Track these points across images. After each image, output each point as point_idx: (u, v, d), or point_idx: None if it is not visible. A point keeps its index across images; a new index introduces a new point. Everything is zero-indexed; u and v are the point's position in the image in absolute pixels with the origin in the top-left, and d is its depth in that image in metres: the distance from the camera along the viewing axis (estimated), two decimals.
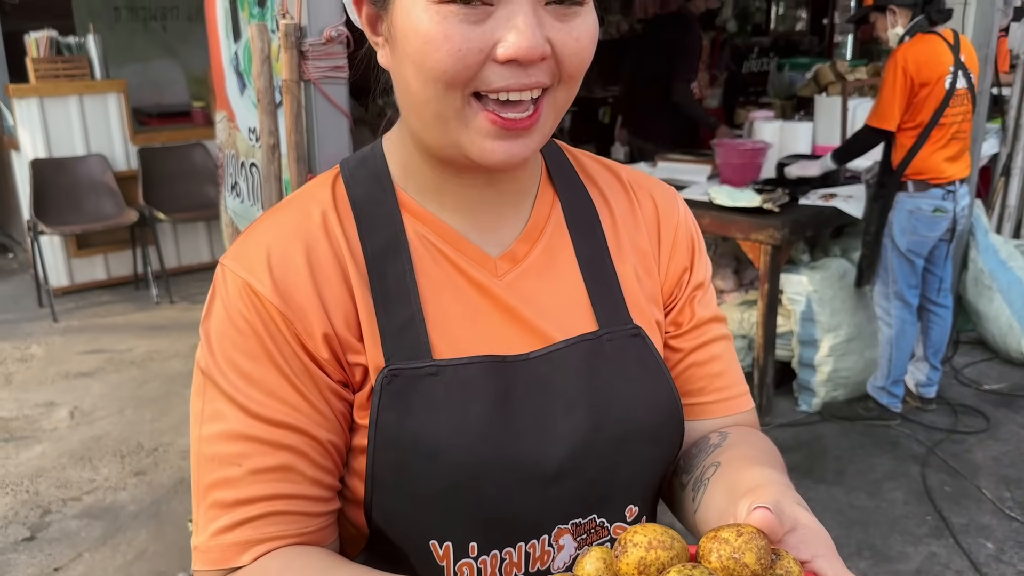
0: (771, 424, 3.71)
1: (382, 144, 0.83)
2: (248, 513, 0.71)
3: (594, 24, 0.71)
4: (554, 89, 0.71)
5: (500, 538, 0.76)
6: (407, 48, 0.69)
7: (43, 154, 5.42)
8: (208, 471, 0.72)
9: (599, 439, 0.78)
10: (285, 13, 1.89)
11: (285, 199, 0.83)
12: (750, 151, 4.01)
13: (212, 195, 5.78)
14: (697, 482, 0.79)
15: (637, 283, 0.85)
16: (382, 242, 0.77)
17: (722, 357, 0.90)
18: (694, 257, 0.90)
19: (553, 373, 0.78)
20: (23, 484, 3.33)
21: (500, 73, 0.67)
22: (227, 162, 2.66)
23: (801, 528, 0.62)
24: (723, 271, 4.43)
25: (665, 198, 0.91)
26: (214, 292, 0.77)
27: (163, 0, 7.03)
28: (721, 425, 0.88)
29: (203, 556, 0.72)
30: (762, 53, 9.61)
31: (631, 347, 0.82)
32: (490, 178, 0.79)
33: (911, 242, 3.42)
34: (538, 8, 0.66)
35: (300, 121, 1.95)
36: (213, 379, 0.73)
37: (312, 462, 0.73)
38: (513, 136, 0.70)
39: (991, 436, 3.59)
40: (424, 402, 0.73)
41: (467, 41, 0.66)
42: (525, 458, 0.74)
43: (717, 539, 0.58)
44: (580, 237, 0.84)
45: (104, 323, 5.14)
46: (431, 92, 0.69)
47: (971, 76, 3.35)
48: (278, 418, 0.72)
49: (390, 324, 0.75)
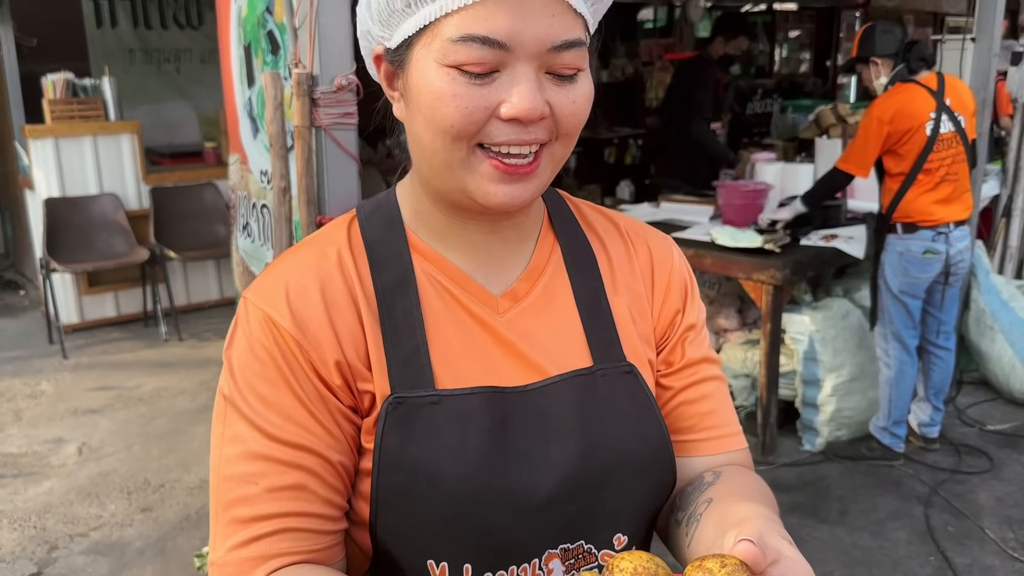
0: (775, 463, 3.72)
1: (395, 191, 0.89)
2: (263, 529, 0.76)
3: (589, 87, 0.77)
4: (552, 144, 0.77)
5: (493, 561, 0.80)
6: (419, 103, 0.75)
7: (57, 193, 5.51)
8: (227, 490, 0.77)
9: (589, 469, 0.82)
10: (298, 62, 1.96)
11: (305, 239, 0.89)
12: (752, 192, 4.07)
13: (222, 234, 5.86)
14: (690, 518, 0.83)
15: (631, 323, 0.90)
16: (392, 279, 0.83)
17: (713, 396, 0.94)
18: (687, 300, 0.95)
19: (548, 405, 0.82)
20: (31, 520, 3.36)
21: (503, 129, 0.73)
22: (239, 203, 2.73)
23: (784, 560, 0.66)
24: (727, 311, 4.47)
25: (660, 246, 0.96)
26: (236, 323, 0.82)
27: (176, 43, 7.17)
28: (714, 463, 0.92)
29: (219, 570, 0.76)
30: (766, 95, 9.72)
31: (623, 383, 0.86)
32: (494, 224, 0.84)
33: (903, 283, 3.46)
34: (539, 73, 0.73)
35: (311, 165, 2.01)
36: (234, 404, 0.79)
37: (324, 482, 0.78)
38: (514, 180, 0.76)
39: (995, 476, 3.59)
40: (426, 429, 0.78)
41: (474, 100, 0.72)
42: (519, 486, 0.79)
43: (702, 569, 0.62)
44: (578, 279, 0.89)
45: (113, 360, 5.19)
46: (439, 143, 0.75)
47: (960, 119, 3.41)
48: (293, 440, 0.77)
49: (397, 355, 0.80)
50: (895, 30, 3.49)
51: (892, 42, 3.44)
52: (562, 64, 0.74)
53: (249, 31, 2.45)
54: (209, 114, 6.91)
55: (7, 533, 3.27)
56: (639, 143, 8.79)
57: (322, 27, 1.91)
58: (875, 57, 3.49)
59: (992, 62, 4.17)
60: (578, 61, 0.75)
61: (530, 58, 0.72)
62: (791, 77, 10.75)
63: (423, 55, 0.74)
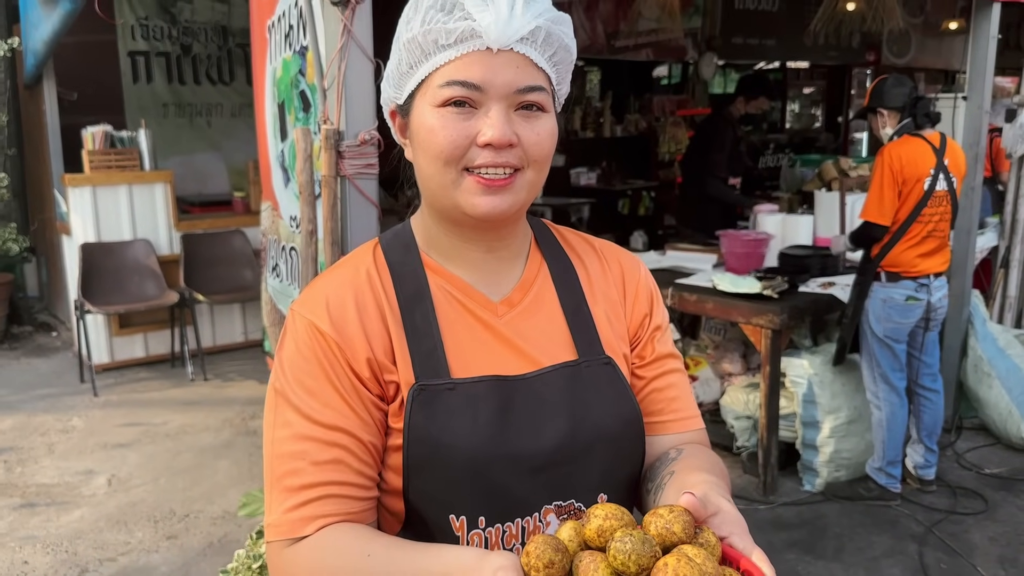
0: (775, 503, 3.84)
1: (410, 222, 1.12)
2: (311, 495, 0.94)
3: (552, 125, 1.00)
4: (525, 170, 0.98)
5: (501, 515, 0.99)
6: (419, 139, 0.98)
7: (93, 238, 5.79)
8: (279, 464, 0.96)
9: (576, 441, 1.02)
10: (327, 119, 2.19)
11: (339, 261, 1.11)
12: (753, 241, 4.26)
13: (248, 278, 6.11)
14: (657, 488, 1.02)
15: (608, 324, 1.11)
16: (411, 291, 1.03)
17: (676, 385, 1.15)
18: (653, 306, 1.17)
19: (543, 390, 1.02)
20: (63, 545, 3.54)
21: (481, 154, 0.95)
22: (269, 246, 2.95)
23: (722, 513, 0.86)
24: (731, 355, 4.63)
25: (629, 262, 1.18)
26: (286, 330, 1.03)
27: (208, 98, 7.52)
28: (678, 441, 1.12)
29: (276, 529, 0.95)
30: (778, 149, 9.94)
31: (603, 372, 1.07)
32: (489, 244, 1.06)
33: (887, 329, 3.63)
34: (509, 111, 0.95)
35: (336, 211, 2.23)
36: (284, 395, 0.98)
37: (358, 457, 0.97)
38: (493, 192, 0.96)
39: (989, 517, 3.70)
40: (445, 410, 0.97)
41: (457, 131, 0.94)
42: (520, 453, 0.98)
43: (655, 514, 0.82)
44: (562, 289, 1.11)
45: (141, 398, 5.41)
46: (434, 168, 0.97)
47: (953, 180, 3.60)
48: (332, 423, 0.96)
49: (418, 351, 1.00)
50: (906, 84, 3.67)
51: (900, 96, 3.64)
52: (527, 101, 0.95)
53: (283, 90, 2.70)
54: (238, 165, 7.22)
55: (41, 557, 3.44)
56: (652, 195, 9.02)
57: (348, 88, 2.14)
58: (883, 108, 3.69)
59: (983, 119, 4.36)
60: (541, 101, 0.97)
61: (500, 98, 0.94)
62: (803, 132, 10.99)
63: (421, 103, 0.97)
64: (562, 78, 1.03)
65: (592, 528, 0.81)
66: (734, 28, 7.77)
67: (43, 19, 5.39)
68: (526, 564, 0.76)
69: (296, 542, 0.94)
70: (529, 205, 1.03)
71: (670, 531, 0.79)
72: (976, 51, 4.39)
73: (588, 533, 0.81)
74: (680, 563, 0.74)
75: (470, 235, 1.04)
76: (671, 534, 0.79)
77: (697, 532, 0.81)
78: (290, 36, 2.55)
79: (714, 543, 0.80)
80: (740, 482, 4.07)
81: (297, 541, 0.94)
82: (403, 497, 0.99)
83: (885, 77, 3.74)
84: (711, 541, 0.80)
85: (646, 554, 0.76)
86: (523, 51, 0.94)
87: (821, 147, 10.11)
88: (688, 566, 0.73)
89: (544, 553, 0.76)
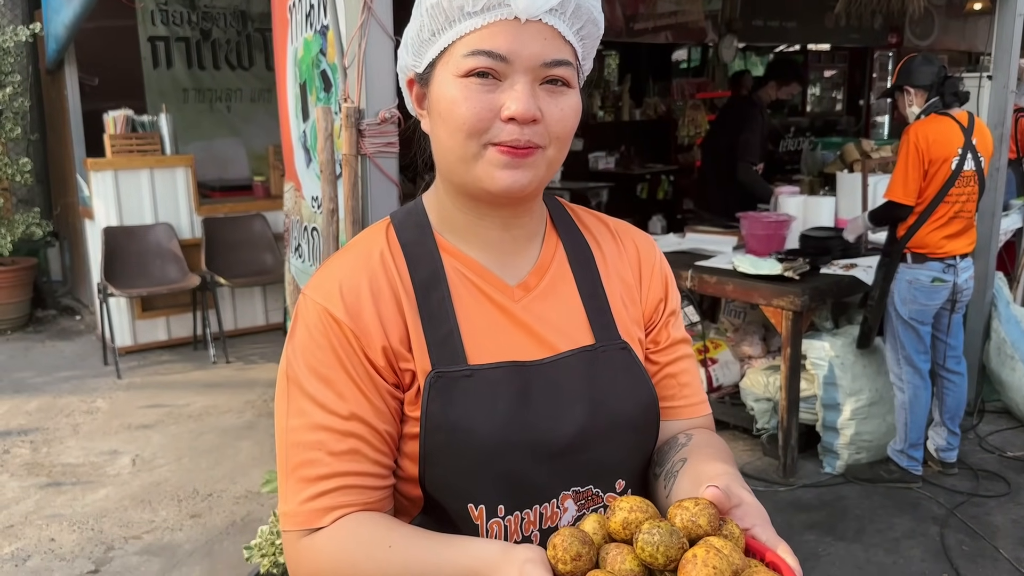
0: (795, 485, 3.84)
1: (422, 200, 1.08)
2: (327, 486, 0.92)
3: (577, 102, 0.97)
4: (546, 148, 0.95)
5: (520, 501, 0.97)
6: (440, 110, 0.94)
7: (115, 222, 5.85)
8: (294, 454, 0.94)
9: (594, 426, 1.00)
10: (347, 98, 2.19)
11: (350, 242, 1.07)
12: (774, 223, 4.24)
13: (269, 262, 6.15)
14: (668, 474, 1.01)
15: (624, 309, 1.09)
16: (426, 275, 0.99)
17: (688, 371, 1.14)
18: (668, 290, 1.15)
19: (560, 375, 1.00)
20: (88, 523, 3.59)
21: (505, 128, 0.91)
22: (292, 227, 2.97)
23: (745, 505, 0.85)
24: (751, 338, 4.61)
25: (645, 244, 1.16)
26: (298, 315, 0.99)
27: (228, 83, 7.55)
28: (687, 426, 1.11)
29: (292, 519, 0.93)
30: (799, 133, 9.87)
31: (620, 358, 1.04)
32: (505, 221, 1.02)
33: (912, 311, 3.60)
34: (534, 85, 0.92)
35: (356, 189, 2.23)
36: (298, 383, 0.95)
37: (374, 447, 0.94)
38: (515, 165, 0.93)
39: (1012, 500, 3.67)
40: (462, 397, 0.94)
41: (481, 103, 0.91)
42: (538, 439, 0.96)
43: (680, 507, 0.81)
44: (579, 272, 1.08)
45: (164, 380, 5.47)
46: (455, 141, 0.93)
47: (981, 159, 3.55)
48: (347, 412, 0.93)
49: (434, 337, 0.96)
50: (935, 63, 3.62)
51: (929, 74, 3.59)
52: (552, 75, 0.92)
53: (304, 71, 2.71)
54: (258, 150, 7.25)
55: (67, 534, 3.50)
56: (671, 179, 8.99)
57: (369, 67, 2.14)
58: (909, 86, 3.65)
59: (1009, 99, 4.31)
60: (567, 76, 0.93)
61: (526, 71, 0.91)
62: (824, 116, 10.89)
63: (442, 72, 0.94)
64: (588, 53, 1.00)
65: (617, 521, 0.81)
66: (755, 10, 7.68)
67: (64, 4, 5.42)
68: (553, 557, 0.76)
69: (312, 532, 0.93)
70: (547, 183, 1.01)
71: (696, 524, 0.79)
72: (1002, 29, 4.32)
73: (613, 526, 0.81)
74: (709, 554, 0.74)
75: (486, 212, 1.01)
76: (697, 527, 0.79)
77: (721, 524, 0.81)
78: (311, 16, 2.55)
79: (738, 535, 0.80)
80: (760, 464, 4.06)
81: (313, 531, 0.93)
82: (420, 485, 0.97)
83: (913, 56, 3.70)
84: (735, 533, 0.80)
85: (674, 546, 0.76)
86: (551, 22, 0.91)
87: (842, 130, 10.02)
88: (717, 557, 0.73)
89: (572, 546, 0.76)
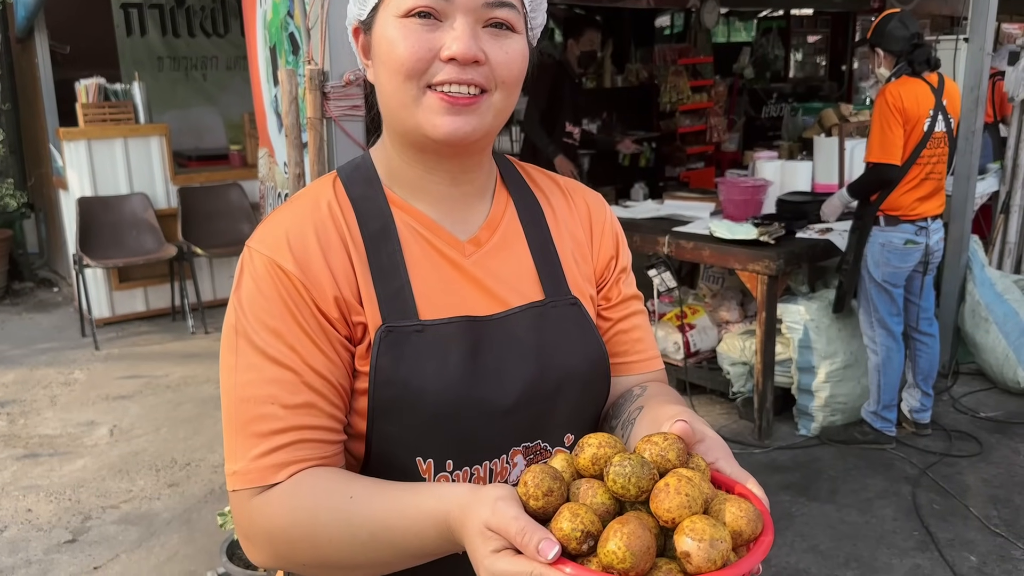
0: (770, 447, 3.87)
1: (370, 155, 1.06)
2: (282, 440, 0.89)
3: (523, 47, 0.95)
4: (492, 93, 0.93)
5: (469, 457, 0.96)
6: (380, 53, 0.93)
7: (89, 192, 5.78)
8: (245, 410, 0.91)
9: (544, 382, 0.99)
10: (311, 59, 2.16)
11: (295, 195, 1.05)
12: (751, 188, 4.23)
13: (247, 232, 6.09)
14: (625, 423, 1.01)
15: (575, 265, 1.08)
16: (376, 228, 0.98)
17: (641, 327, 1.13)
18: (618, 248, 1.14)
19: (512, 331, 0.99)
20: (66, 493, 3.59)
21: (444, 69, 0.90)
22: (267, 194, 2.94)
23: (708, 439, 0.86)
24: (728, 303, 4.62)
25: (595, 202, 1.15)
26: (242, 268, 0.96)
27: (203, 51, 7.44)
28: (641, 380, 1.11)
29: (243, 477, 0.90)
30: (781, 99, 9.84)
31: (570, 313, 1.04)
32: (454, 177, 1.01)
33: (885, 273, 3.61)
34: (476, 27, 0.91)
35: (322, 153, 2.21)
36: (247, 336, 0.92)
37: (329, 400, 0.92)
38: (456, 112, 0.91)
39: (983, 460, 3.72)
40: (413, 352, 0.93)
41: (420, 43, 0.90)
42: (489, 395, 0.95)
43: (649, 442, 0.81)
44: (529, 228, 1.07)
45: (142, 351, 5.44)
46: (394, 84, 0.92)
47: (951, 121, 3.55)
48: (301, 366, 0.91)
49: (384, 291, 0.95)
50: (909, 28, 3.55)
51: (900, 40, 3.54)
52: (496, 18, 0.91)
53: (274, 34, 2.66)
54: (234, 119, 7.17)
55: (44, 505, 3.49)
56: (653, 146, 8.95)
57: (332, 27, 2.11)
58: (880, 49, 3.63)
59: (985, 61, 4.30)
60: (511, 19, 0.92)
61: (467, 11, 0.90)
62: (807, 81, 10.85)
63: (384, 15, 0.93)
64: (536, 4, 0.99)
65: (586, 457, 0.80)
66: None
67: None
68: (524, 494, 0.75)
69: (266, 489, 0.90)
70: (496, 133, 0.99)
71: (665, 458, 0.78)
72: None
73: (582, 462, 0.80)
74: (681, 483, 0.73)
75: (433, 164, 0.99)
76: (666, 460, 0.78)
77: (688, 458, 0.81)
78: None
79: (704, 467, 0.81)
80: (736, 427, 4.09)
81: (268, 488, 0.90)
82: (365, 440, 0.96)
83: (891, 15, 3.62)
84: (701, 466, 0.81)
85: (645, 477, 0.75)
86: None
87: (824, 96, 10.00)
88: (689, 485, 0.73)
89: (543, 482, 0.75)
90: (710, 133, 8.88)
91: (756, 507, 0.76)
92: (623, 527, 0.70)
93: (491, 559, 0.72)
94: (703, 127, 8.84)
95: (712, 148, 8.94)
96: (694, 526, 0.70)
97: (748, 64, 9.87)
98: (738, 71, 9.71)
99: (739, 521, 0.74)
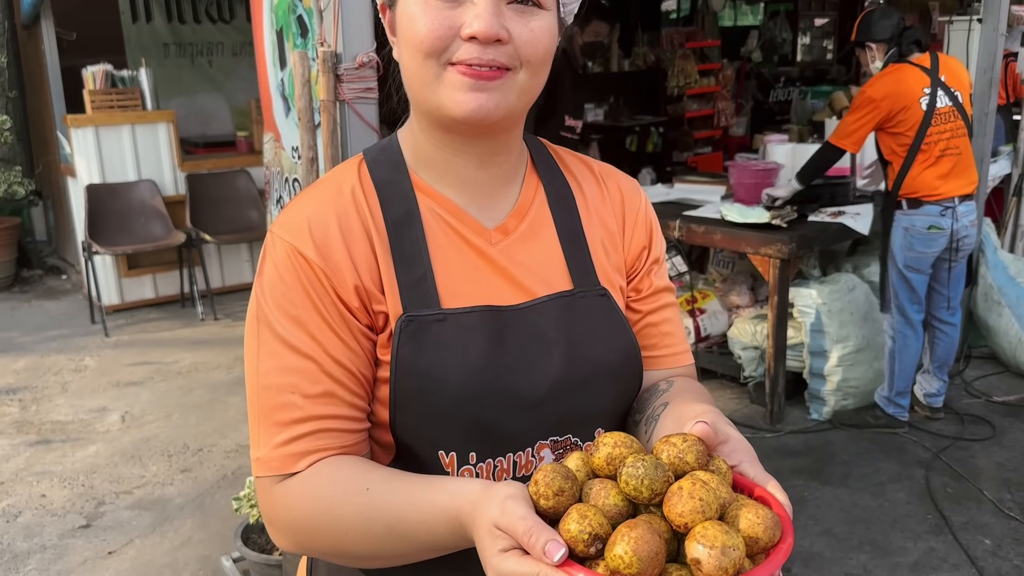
0: (781, 431, 3.86)
1: (397, 137, 1.04)
2: (303, 430, 0.89)
3: (551, 24, 0.92)
4: (517, 71, 0.90)
5: (493, 450, 0.94)
6: (402, 30, 0.91)
7: (97, 180, 5.78)
8: (267, 398, 0.90)
9: (573, 375, 0.97)
10: (323, 41, 2.14)
11: (320, 179, 1.03)
12: (762, 171, 4.21)
13: (255, 218, 6.10)
14: (649, 418, 0.98)
15: (605, 255, 1.05)
16: (399, 214, 0.95)
17: (671, 320, 1.10)
18: (652, 237, 1.10)
19: (537, 321, 0.96)
20: (79, 479, 3.60)
21: (465, 48, 0.87)
22: (272, 179, 2.92)
23: (732, 441, 0.83)
24: (739, 288, 4.61)
25: (630, 189, 1.11)
26: (265, 254, 0.96)
27: (209, 37, 7.42)
28: (668, 375, 1.08)
29: (266, 464, 0.90)
30: (789, 83, 9.78)
31: (599, 304, 1.01)
32: (481, 160, 0.98)
33: (908, 258, 3.57)
34: (499, 3, 0.87)
35: (336, 137, 2.19)
36: (268, 324, 0.91)
37: (349, 389, 0.91)
38: (480, 88, 0.88)
39: (996, 443, 3.71)
40: (434, 342, 0.91)
41: (440, 19, 0.87)
42: (514, 387, 0.93)
43: (667, 443, 0.78)
44: (559, 215, 1.04)
45: (152, 338, 5.45)
46: (416, 62, 0.90)
47: (957, 94, 3.51)
48: (321, 354, 0.90)
49: (406, 279, 0.93)
50: (893, 15, 3.58)
51: (888, 28, 3.55)
52: None
53: (280, 16, 2.64)
54: (241, 105, 7.15)
55: (58, 490, 3.51)
56: (660, 131, 8.91)
57: (345, 9, 2.09)
58: (870, 42, 3.61)
59: (999, 42, 4.25)
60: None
61: None
62: (815, 65, 10.78)
63: None
64: None
65: (601, 456, 0.78)
66: None
67: None
68: (535, 493, 0.73)
69: (287, 477, 0.90)
70: (523, 113, 0.97)
71: (683, 460, 0.76)
72: None
73: (597, 461, 0.78)
74: (696, 486, 0.71)
75: (460, 146, 0.96)
76: (684, 463, 0.76)
77: (709, 460, 0.78)
78: None
79: (725, 470, 0.78)
80: (747, 412, 4.09)
81: (289, 476, 0.90)
82: (391, 431, 0.94)
83: (871, 9, 3.68)
84: (722, 469, 0.78)
85: (659, 479, 0.72)
86: None
87: (832, 79, 9.94)
88: (704, 489, 0.71)
89: (554, 481, 0.73)
90: (718, 117, 8.83)
91: (775, 512, 0.73)
92: (631, 531, 0.68)
93: (498, 558, 0.71)
94: (711, 111, 8.80)
95: (720, 132, 8.89)
96: (706, 532, 0.68)
97: (756, 48, 9.80)
98: (746, 55, 9.65)
99: (755, 528, 0.71)
